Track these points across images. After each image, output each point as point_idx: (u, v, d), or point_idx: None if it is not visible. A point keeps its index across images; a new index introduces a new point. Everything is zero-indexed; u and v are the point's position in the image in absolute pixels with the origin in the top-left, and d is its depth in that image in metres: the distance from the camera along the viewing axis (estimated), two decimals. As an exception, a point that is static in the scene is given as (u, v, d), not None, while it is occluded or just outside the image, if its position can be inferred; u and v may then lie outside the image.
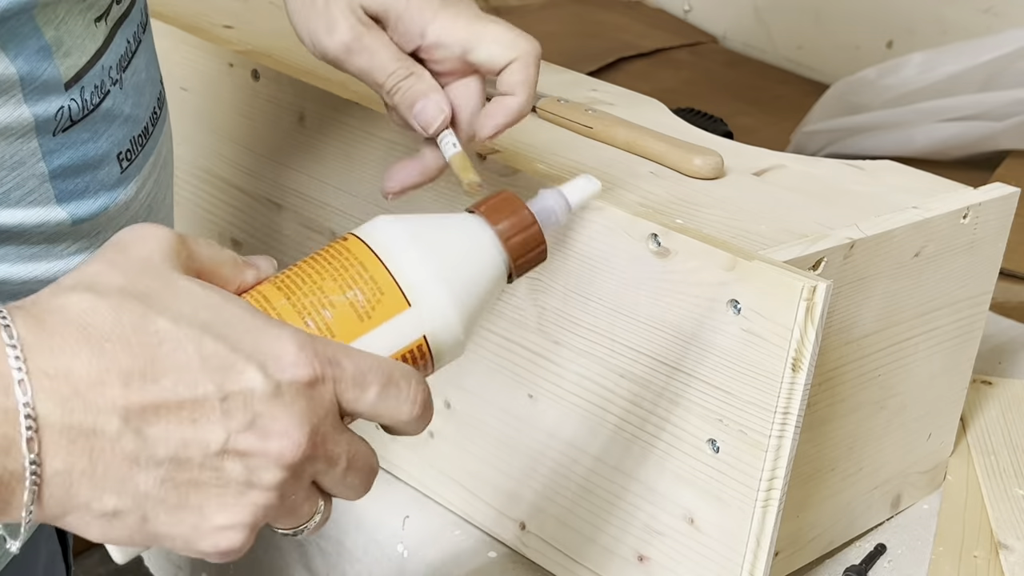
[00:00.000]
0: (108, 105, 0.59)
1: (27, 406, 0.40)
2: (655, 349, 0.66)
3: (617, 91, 0.88)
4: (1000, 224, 0.77)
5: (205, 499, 0.43)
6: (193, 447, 0.43)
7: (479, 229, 0.54)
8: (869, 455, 0.76)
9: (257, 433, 0.44)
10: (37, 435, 0.41)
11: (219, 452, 0.43)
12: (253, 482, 0.44)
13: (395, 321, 0.50)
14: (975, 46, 1.40)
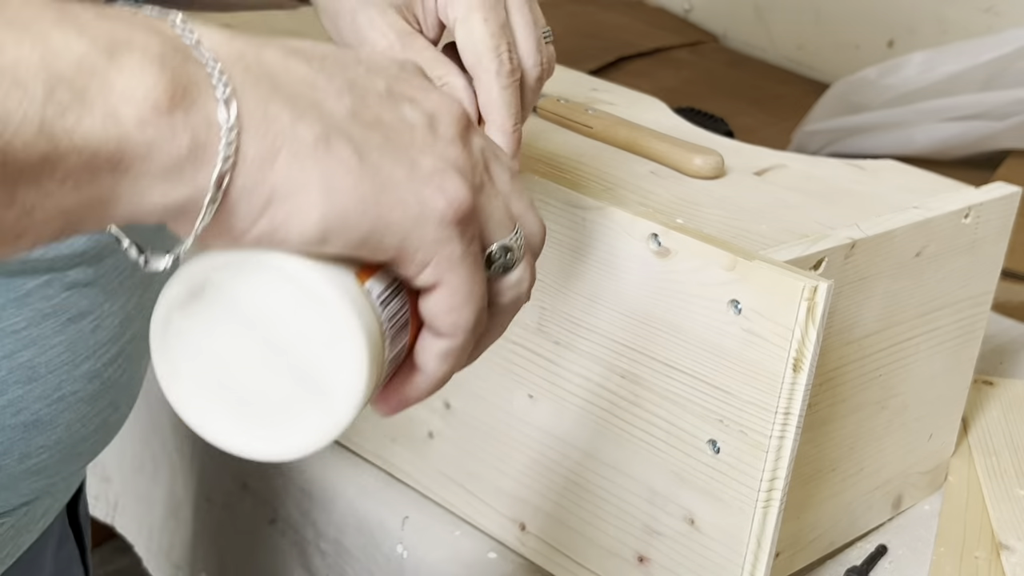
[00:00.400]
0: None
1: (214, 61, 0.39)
2: (655, 349, 0.66)
3: (617, 90, 0.88)
4: (1001, 224, 0.77)
5: (399, 138, 0.42)
6: (361, 84, 0.42)
7: None
8: (870, 455, 0.76)
9: (417, 88, 0.45)
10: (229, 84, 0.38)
11: (387, 92, 0.43)
12: (436, 129, 0.44)
13: None
14: (976, 45, 1.40)
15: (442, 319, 0.45)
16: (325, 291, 0.41)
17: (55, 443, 0.60)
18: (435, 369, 0.47)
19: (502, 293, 0.47)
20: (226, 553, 0.95)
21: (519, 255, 0.46)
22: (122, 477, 1.02)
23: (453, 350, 0.46)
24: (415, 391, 0.48)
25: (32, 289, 0.56)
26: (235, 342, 0.43)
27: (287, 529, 0.89)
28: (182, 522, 0.98)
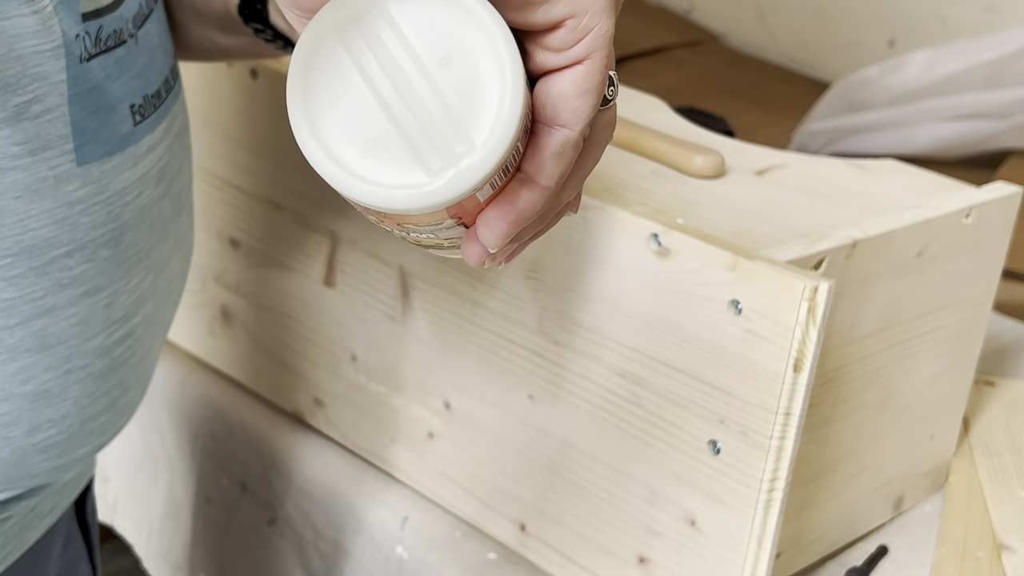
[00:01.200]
0: (122, 53, 0.59)
1: None
2: (655, 349, 0.66)
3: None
4: (1003, 223, 0.77)
5: None
6: None
7: None
8: (871, 456, 0.76)
9: None
10: None
11: None
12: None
13: None
14: (977, 45, 1.40)
15: (569, 102, 0.45)
16: (497, 30, 0.42)
17: (63, 417, 0.61)
18: (550, 170, 0.46)
19: (600, 125, 0.47)
20: (225, 554, 0.94)
21: (617, 94, 0.48)
22: (121, 477, 1.02)
23: (568, 145, 0.45)
24: (527, 201, 0.46)
25: (54, 259, 0.57)
26: (384, 74, 0.42)
27: (286, 530, 0.89)
28: (181, 522, 0.98)
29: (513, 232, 0.46)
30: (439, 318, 0.77)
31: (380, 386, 0.82)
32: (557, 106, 0.45)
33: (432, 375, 0.78)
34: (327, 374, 0.86)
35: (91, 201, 0.58)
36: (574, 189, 0.49)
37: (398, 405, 0.81)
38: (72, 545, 0.75)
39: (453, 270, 0.75)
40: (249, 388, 0.93)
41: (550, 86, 0.45)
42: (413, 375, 0.79)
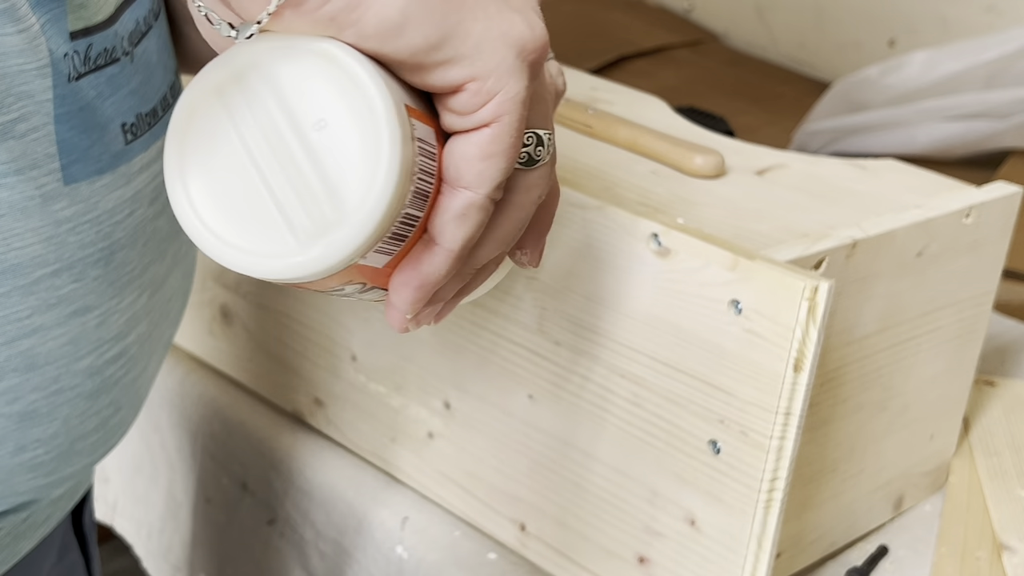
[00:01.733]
0: (115, 71, 0.58)
1: None
2: (655, 349, 0.66)
3: (618, 89, 0.88)
4: (1003, 223, 0.77)
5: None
6: None
7: None
8: (871, 456, 0.76)
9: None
10: None
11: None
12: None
13: None
14: (978, 44, 1.40)
15: (472, 165, 0.43)
16: (376, 94, 0.40)
17: (51, 437, 0.60)
18: (452, 233, 0.44)
19: (522, 188, 0.46)
20: (225, 554, 0.94)
21: (548, 155, 0.46)
22: (121, 477, 1.02)
23: (471, 208, 0.44)
24: (431, 265, 0.45)
25: (40, 278, 0.56)
26: (261, 136, 0.41)
27: (286, 530, 0.89)
28: (181, 522, 0.98)
29: (422, 296, 0.45)
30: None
31: (380, 386, 0.82)
32: (460, 168, 0.43)
33: (432, 375, 0.78)
34: (327, 374, 0.86)
35: (79, 220, 0.57)
36: (492, 251, 0.47)
37: (398, 405, 0.81)
38: (68, 556, 0.74)
39: (453, 270, 0.75)
40: (249, 388, 0.93)
41: (455, 146, 0.43)
42: (413, 375, 0.79)
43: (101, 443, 0.65)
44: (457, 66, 0.41)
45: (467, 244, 0.45)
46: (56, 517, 0.68)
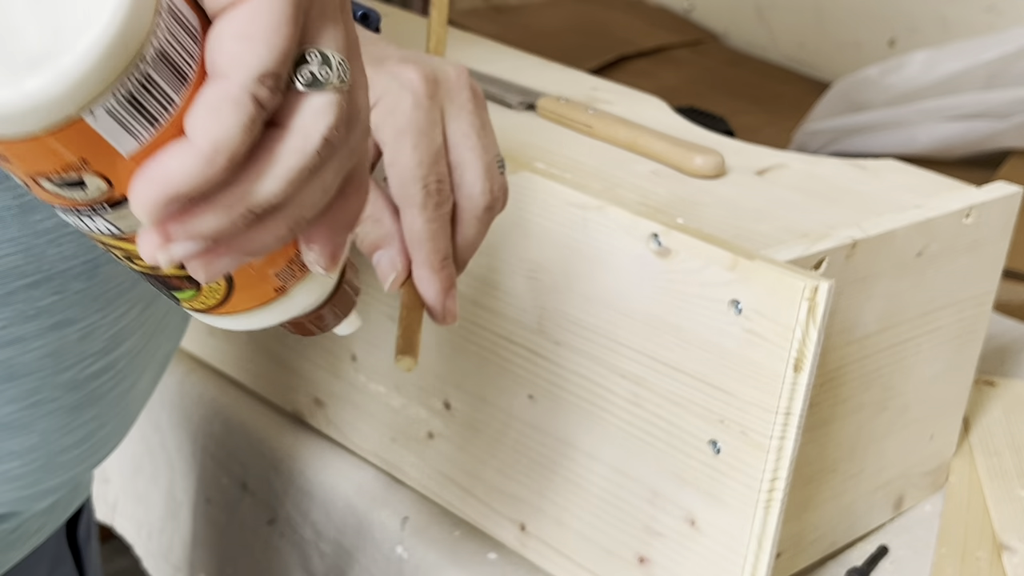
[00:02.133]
0: None
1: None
2: (655, 349, 0.66)
3: (618, 89, 0.88)
4: (1003, 223, 0.77)
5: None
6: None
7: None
8: (871, 456, 0.76)
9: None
10: None
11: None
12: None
13: None
14: (978, 44, 1.40)
15: (226, 47, 0.37)
16: None
17: (28, 450, 0.59)
18: (202, 128, 0.37)
19: (303, 112, 0.39)
20: (225, 554, 0.94)
21: (335, 79, 0.39)
22: (121, 477, 1.02)
23: (226, 100, 0.37)
24: (178, 162, 0.37)
25: (17, 289, 0.55)
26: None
27: (286, 529, 0.89)
28: (181, 522, 0.98)
29: (164, 199, 0.37)
30: (439, 318, 0.77)
31: (380, 386, 0.82)
32: (214, 51, 0.37)
33: (432, 375, 0.78)
34: (327, 374, 0.86)
35: (60, 232, 0.55)
36: (269, 187, 0.39)
37: (398, 405, 0.81)
38: (61, 568, 0.73)
39: (453, 270, 0.75)
40: (249, 388, 0.93)
41: (213, 28, 0.38)
42: (413, 375, 0.79)
43: (85, 456, 0.63)
44: None
45: (219, 147, 0.37)
46: (49, 528, 0.67)
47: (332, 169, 0.40)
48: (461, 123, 0.58)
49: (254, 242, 0.40)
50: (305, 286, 0.47)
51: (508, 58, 0.91)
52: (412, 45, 0.88)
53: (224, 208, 0.38)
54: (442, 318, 0.58)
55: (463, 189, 0.58)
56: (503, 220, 0.71)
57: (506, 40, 0.97)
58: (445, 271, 0.57)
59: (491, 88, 0.81)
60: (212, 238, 0.39)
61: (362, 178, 0.43)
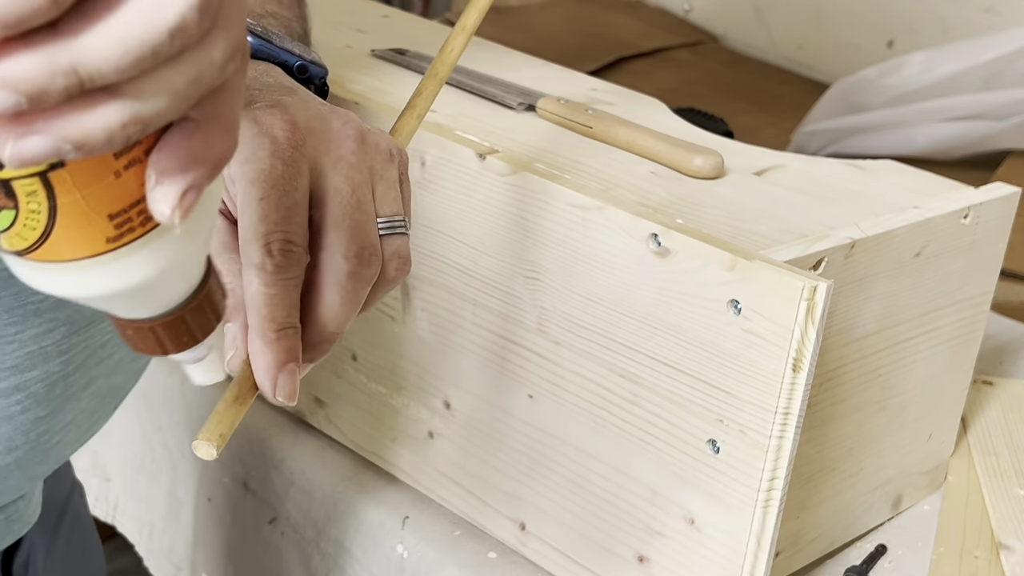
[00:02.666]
0: None
1: None
2: (655, 349, 0.66)
3: (617, 90, 0.88)
4: (1001, 224, 0.77)
5: None
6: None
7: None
8: (870, 455, 0.76)
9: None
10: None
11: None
12: None
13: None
14: (976, 45, 1.40)
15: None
16: None
17: None
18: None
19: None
20: (226, 553, 0.95)
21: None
22: (123, 477, 1.02)
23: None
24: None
25: None
26: None
27: (287, 529, 0.89)
28: (183, 522, 0.98)
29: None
30: (439, 318, 0.77)
31: (380, 386, 0.82)
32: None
33: (432, 375, 0.78)
34: (327, 374, 0.86)
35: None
36: (111, 49, 0.32)
37: (398, 405, 0.81)
38: None
39: (452, 269, 0.75)
40: (250, 388, 0.94)
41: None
42: (413, 375, 0.80)
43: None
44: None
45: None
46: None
47: (186, 72, 0.34)
48: (335, 176, 0.51)
49: (77, 124, 0.33)
50: (145, 249, 0.39)
51: (508, 59, 0.91)
52: (412, 45, 0.89)
53: (45, 56, 0.31)
54: (272, 395, 0.50)
55: (325, 251, 0.51)
56: (503, 220, 0.71)
57: (506, 41, 0.98)
58: (282, 343, 0.49)
59: (491, 89, 0.82)
60: (26, 94, 0.31)
61: (229, 117, 0.37)
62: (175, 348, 0.43)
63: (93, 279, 0.38)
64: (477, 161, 0.72)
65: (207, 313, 0.43)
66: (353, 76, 0.83)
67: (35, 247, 0.37)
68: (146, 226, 0.38)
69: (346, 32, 0.93)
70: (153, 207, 0.36)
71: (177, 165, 0.36)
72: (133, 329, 0.42)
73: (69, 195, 0.36)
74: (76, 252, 0.37)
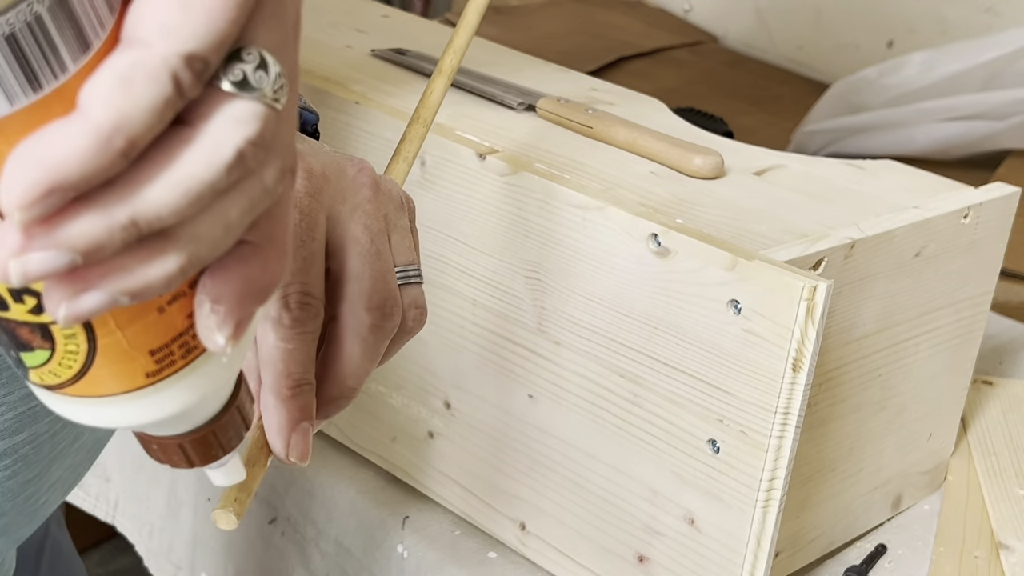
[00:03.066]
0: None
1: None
2: (655, 349, 0.66)
3: (617, 90, 0.88)
4: (1001, 224, 0.77)
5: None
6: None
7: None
8: (870, 455, 0.76)
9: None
10: None
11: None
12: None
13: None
14: (976, 45, 1.40)
15: (158, 11, 0.30)
16: None
17: None
18: (105, 98, 0.30)
19: (222, 115, 0.32)
20: (226, 553, 0.95)
21: (270, 90, 0.32)
22: (123, 477, 1.02)
23: (142, 71, 0.30)
24: (64, 139, 0.29)
25: None
26: None
27: (287, 529, 0.89)
28: (182, 521, 0.98)
29: (42, 191, 0.29)
30: (439, 318, 0.77)
31: (380, 386, 0.82)
32: (143, 12, 0.30)
33: (432, 375, 0.78)
34: (328, 374, 0.86)
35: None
36: (161, 196, 0.31)
37: (398, 404, 0.81)
38: None
39: (453, 269, 0.75)
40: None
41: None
42: (413, 375, 0.80)
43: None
44: None
45: (121, 125, 0.29)
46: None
47: (240, 202, 0.33)
48: (353, 225, 0.50)
49: (134, 274, 0.31)
50: (186, 380, 0.37)
51: (508, 59, 0.91)
52: (412, 45, 0.89)
53: (103, 212, 0.30)
54: (284, 455, 0.48)
55: (345, 303, 0.49)
56: (503, 220, 0.71)
57: (506, 41, 0.98)
58: (297, 401, 0.47)
59: (491, 89, 0.82)
60: (83, 252, 0.30)
61: (283, 238, 0.35)
62: (203, 462, 0.41)
63: (128, 412, 0.37)
64: (477, 161, 0.72)
65: (237, 425, 0.42)
66: (353, 76, 0.83)
67: (68, 384, 0.36)
68: (187, 358, 0.37)
69: (346, 32, 0.93)
70: (207, 336, 0.35)
71: (234, 293, 0.34)
72: (159, 444, 0.41)
73: (111, 336, 0.35)
74: (112, 389, 0.36)
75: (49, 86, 0.30)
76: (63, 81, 0.30)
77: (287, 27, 0.34)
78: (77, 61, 0.30)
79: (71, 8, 0.30)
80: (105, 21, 0.31)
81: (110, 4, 0.31)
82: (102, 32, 0.31)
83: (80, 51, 0.30)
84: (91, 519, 1.06)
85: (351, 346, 0.49)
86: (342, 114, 0.79)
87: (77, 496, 1.05)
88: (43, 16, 0.29)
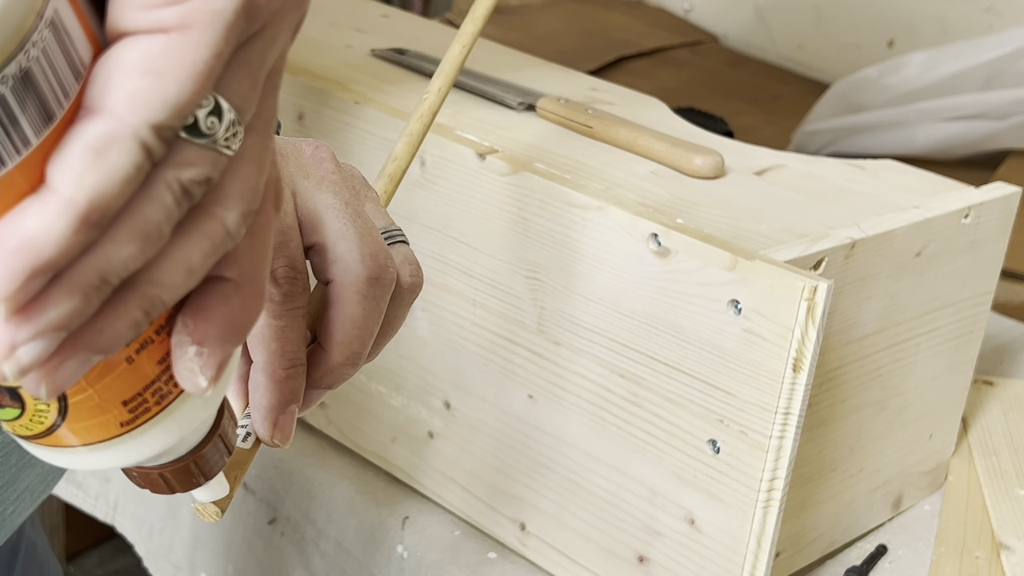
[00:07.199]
0: None
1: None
2: (655, 349, 0.66)
3: (617, 90, 0.88)
4: (1002, 224, 0.77)
5: None
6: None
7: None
8: (870, 456, 0.76)
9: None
10: None
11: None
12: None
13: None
14: (976, 45, 1.40)
15: (127, 80, 0.29)
16: None
17: None
18: (76, 173, 0.29)
19: (173, 161, 0.31)
20: (226, 553, 0.95)
21: (221, 137, 0.32)
22: (122, 477, 1.02)
23: (114, 143, 0.29)
24: (36, 218, 0.29)
25: None
26: None
27: (287, 529, 0.89)
28: (182, 522, 0.98)
29: (25, 279, 0.28)
30: (439, 318, 0.77)
31: (380, 386, 0.82)
32: (109, 82, 0.29)
33: (432, 375, 0.78)
34: (327, 374, 0.86)
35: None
36: (119, 251, 0.30)
37: (398, 405, 0.81)
38: None
39: (453, 269, 0.75)
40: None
41: (111, 54, 0.30)
42: (413, 375, 0.80)
43: None
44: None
45: (95, 200, 0.29)
46: None
47: (202, 245, 0.32)
48: (322, 195, 0.49)
49: (104, 332, 0.31)
50: (162, 424, 0.37)
51: (508, 59, 0.91)
52: (412, 45, 0.89)
53: (73, 280, 0.29)
54: (269, 437, 0.47)
55: (337, 264, 0.47)
56: (503, 220, 0.71)
57: (506, 41, 0.98)
58: (290, 382, 0.46)
59: (491, 88, 0.82)
60: (67, 327, 0.29)
61: (260, 275, 0.34)
62: (184, 489, 0.41)
63: (104, 458, 0.36)
64: (477, 161, 0.72)
65: (220, 452, 0.41)
66: (353, 76, 0.83)
67: (42, 436, 0.35)
68: (162, 403, 0.36)
69: (346, 32, 0.93)
70: (188, 380, 0.34)
71: (216, 334, 0.33)
72: (139, 472, 0.40)
73: (81, 393, 0.34)
74: (87, 439, 0.36)
75: (12, 162, 0.29)
76: (25, 156, 0.29)
77: (257, 74, 0.33)
78: (40, 134, 0.29)
79: (35, 84, 0.29)
80: (70, 89, 0.30)
81: (75, 70, 0.30)
82: (66, 102, 0.30)
83: (43, 123, 0.29)
84: (91, 519, 1.06)
85: (352, 306, 0.47)
86: (342, 114, 0.79)
87: (77, 496, 1.04)
88: (6, 97, 0.28)
